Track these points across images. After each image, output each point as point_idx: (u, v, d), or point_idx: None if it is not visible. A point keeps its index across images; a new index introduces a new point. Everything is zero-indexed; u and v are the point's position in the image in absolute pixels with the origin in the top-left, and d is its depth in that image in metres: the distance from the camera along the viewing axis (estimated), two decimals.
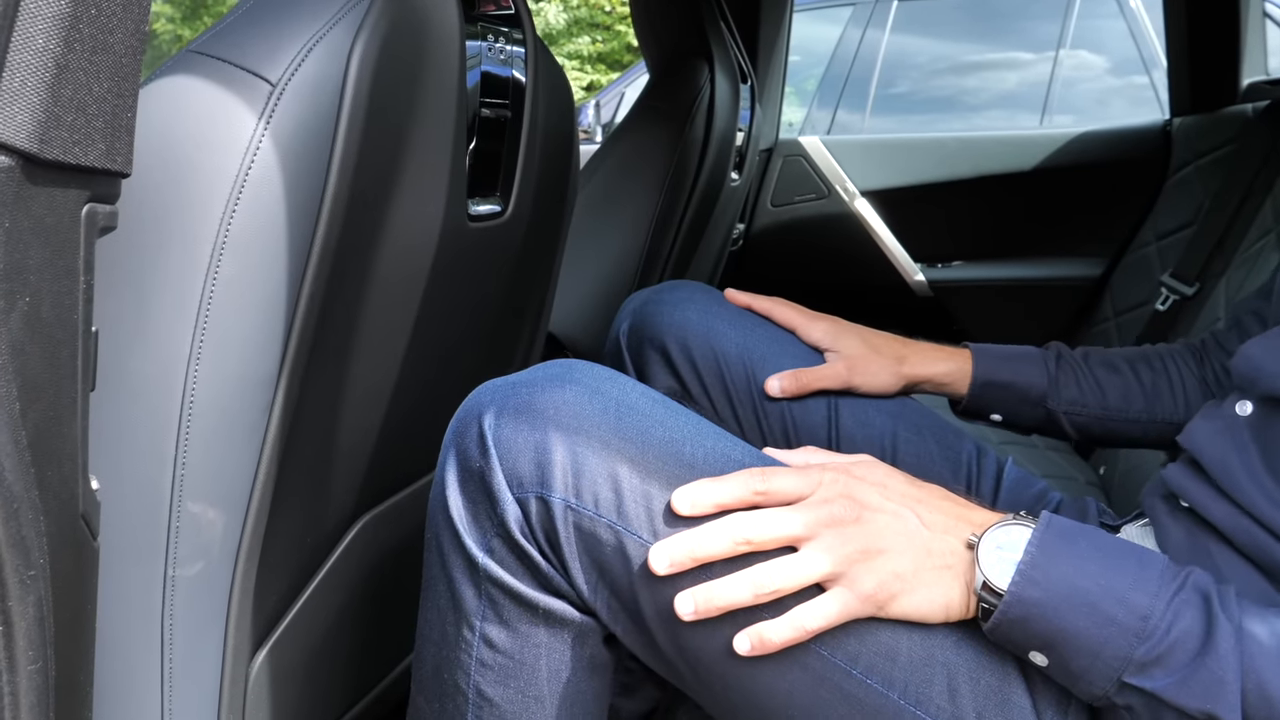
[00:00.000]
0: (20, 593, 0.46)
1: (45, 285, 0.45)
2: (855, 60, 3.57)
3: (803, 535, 0.56)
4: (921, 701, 0.57)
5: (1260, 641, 0.51)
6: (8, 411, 0.43)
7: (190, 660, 0.69)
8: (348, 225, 0.65)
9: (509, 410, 0.61)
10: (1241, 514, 0.63)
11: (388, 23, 0.66)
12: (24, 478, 0.45)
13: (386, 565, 0.88)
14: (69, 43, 0.43)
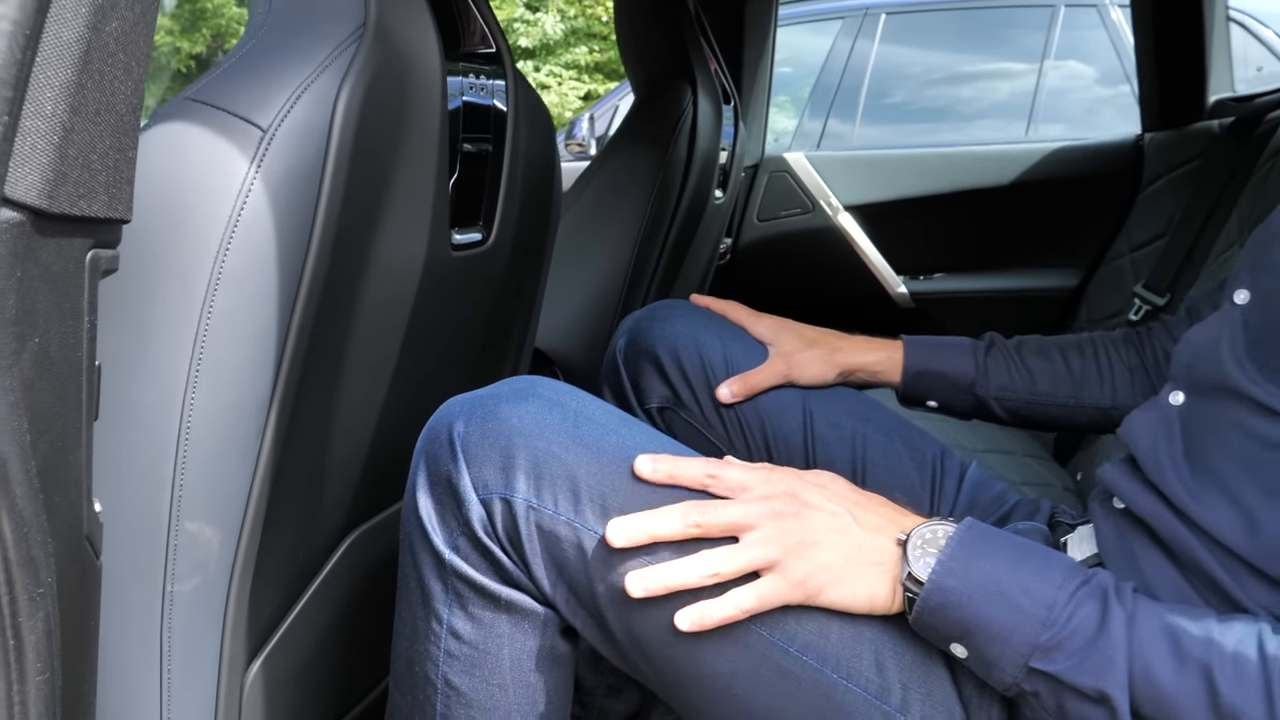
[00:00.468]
0: (30, 609, 0.50)
1: (53, 327, 0.50)
2: (845, 71, 3.61)
3: (745, 525, 0.62)
4: (852, 674, 0.62)
5: (1149, 628, 0.56)
6: (19, 443, 0.47)
7: (188, 671, 0.73)
8: (335, 260, 0.69)
9: (476, 419, 0.66)
10: (1164, 505, 0.68)
11: (372, 70, 0.70)
12: (34, 503, 0.49)
13: (376, 578, 0.92)
14: (75, 109, 0.47)
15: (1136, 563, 0.69)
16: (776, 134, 3.77)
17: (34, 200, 0.46)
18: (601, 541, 0.63)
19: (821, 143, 3.46)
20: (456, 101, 0.85)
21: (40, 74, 0.45)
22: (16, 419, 0.47)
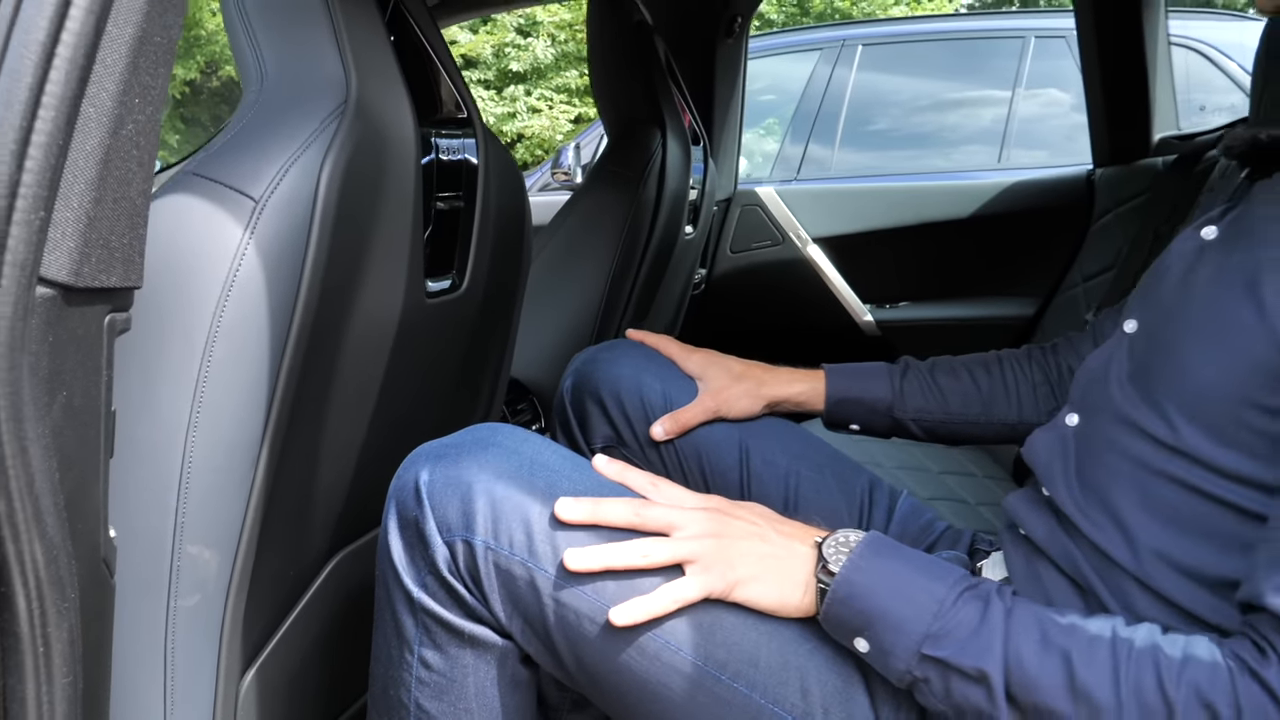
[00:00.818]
0: (57, 620, 0.59)
1: (77, 381, 0.59)
2: (824, 98, 3.72)
3: (678, 526, 0.71)
4: (779, 700, 0.70)
5: (1023, 621, 0.65)
6: (50, 481, 0.56)
7: (189, 680, 0.81)
8: (320, 313, 0.78)
9: (440, 468, 0.74)
10: (1058, 527, 0.76)
11: (353, 144, 0.79)
12: (61, 531, 0.58)
13: (358, 597, 1.01)
14: (97, 200, 0.56)
15: (1042, 584, 0.78)
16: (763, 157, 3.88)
17: (63, 278, 0.55)
18: (552, 578, 0.71)
19: (802, 167, 3.57)
20: (430, 157, 0.95)
21: (69, 175, 0.54)
22: (48, 460, 0.56)
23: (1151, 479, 0.70)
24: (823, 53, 3.79)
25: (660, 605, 0.69)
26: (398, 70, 0.90)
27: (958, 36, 3.65)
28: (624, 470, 0.78)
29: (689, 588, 0.70)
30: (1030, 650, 0.63)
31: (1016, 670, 0.63)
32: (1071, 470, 0.77)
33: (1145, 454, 0.70)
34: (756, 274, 2.31)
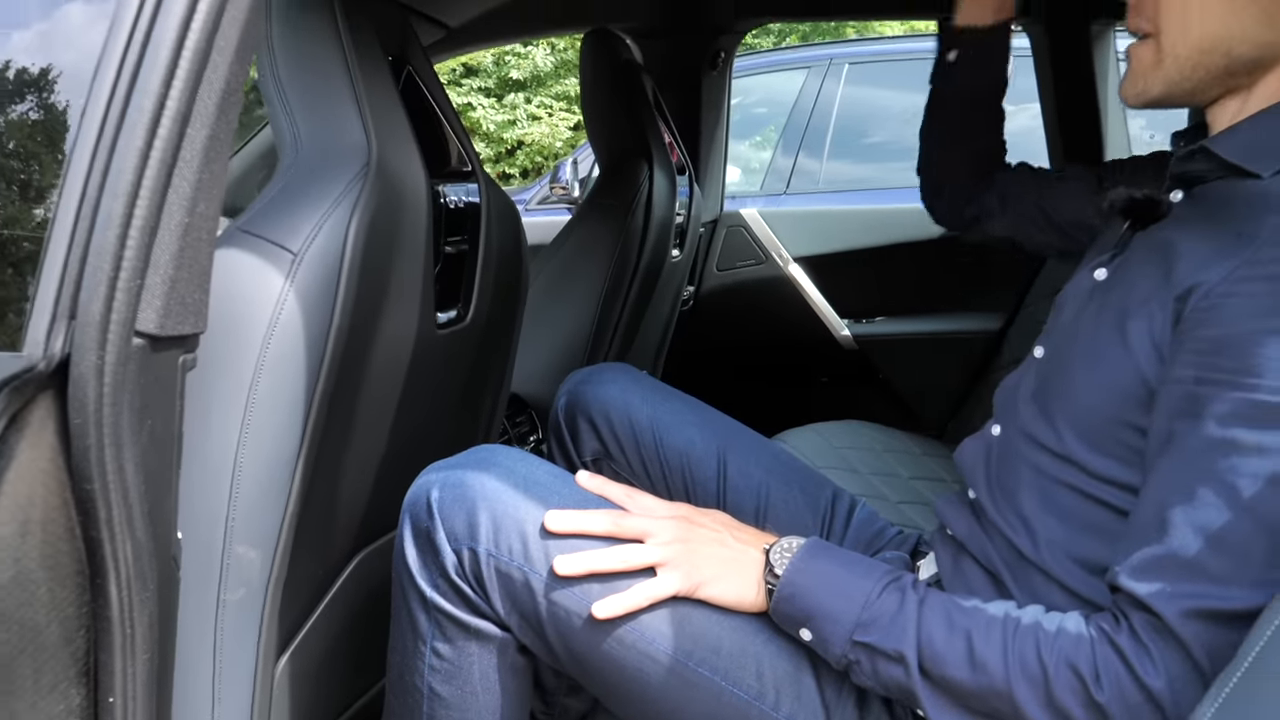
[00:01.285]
0: (140, 607, 0.73)
1: (160, 412, 0.72)
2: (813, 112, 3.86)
3: (650, 532, 0.85)
4: (738, 682, 0.83)
5: (933, 608, 0.78)
6: (139, 492, 0.70)
7: (234, 663, 0.95)
8: (347, 347, 0.92)
9: (448, 487, 0.88)
10: (976, 524, 0.90)
11: (375, 201, 0.93)
12: (146, 533, 0.71)
13: (377, 592, 1.14)
14: (178, 266, 0.69)
15: (965, 577, 0.91)
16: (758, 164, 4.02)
17: (152, 330, 0.68)
18: (544, 580, 0.84)
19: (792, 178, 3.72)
20: (440, 204, 1.08)
21: (158, 249, 0.68)
22: (138, 476, 0.69)
23: (1048, 483, 0.83)
24: (811, 70, 3.94)
25: (636, 601, 0.83)
26: (411, 132, 1.03)
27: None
28: (604, 484, 0.91)
29: (660, 586, 0.83)
30: (939, 632, 0.77)
31: (928, 649, 0.77)
32: (992, 474, 0.91)
33: (1042, 462, 0.84)
34: (741, 291, 2.44)
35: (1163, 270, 0.76)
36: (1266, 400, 0.66)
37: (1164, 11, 0.78)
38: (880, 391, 2.43)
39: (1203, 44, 0.77)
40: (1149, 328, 0.75)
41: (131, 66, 0.65)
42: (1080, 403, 0.81)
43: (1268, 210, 0.71)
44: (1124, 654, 0.69)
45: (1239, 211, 0.74)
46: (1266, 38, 0.75)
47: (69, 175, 0.65)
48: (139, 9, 0.66)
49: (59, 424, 0.67)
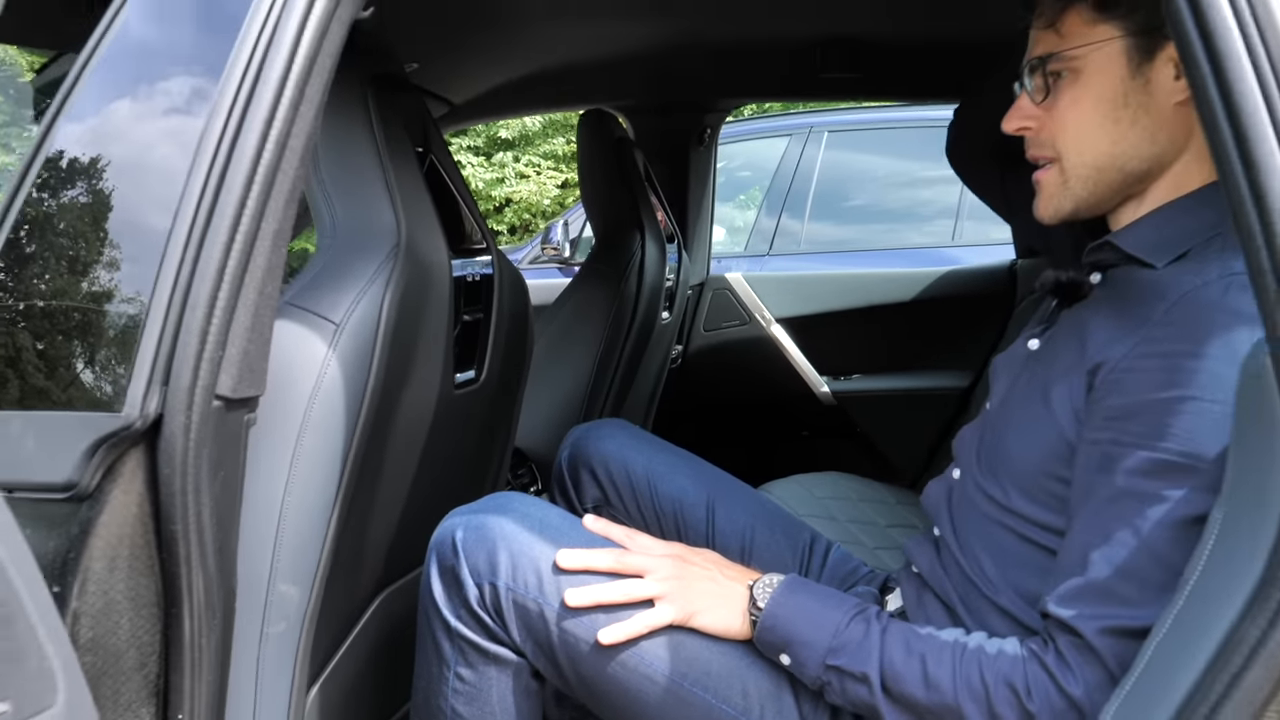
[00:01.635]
0: (207, 633, 0.84)
1: (229, 462, 0.84)
2: (795, 176, 4.05)
3: (649, 570, 0.96)
4: (727, 700, 0.95)
5: (894, 635, 0.89)
6: (211, 534, 0.81)
7: (272, 690, 1.05)
8: (380, 406, 1.04)
9: (471, 528, 0.99)
10: (936, 560, 1.02)
11: (405, 278, 1.06)
12: (216, 567, 0.83)
13: (398, 627, 1.25)
14: (249, 340, 0.82)
15: (925, 610, 1.03)
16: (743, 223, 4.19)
17: (227, 393, 0.80)
18: (556, 610, 0.95)
19: (775, 239, 3.88)
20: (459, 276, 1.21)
21: (235, 326, 0.80)
22: (211, 519, 0.81)
23: (993, 526, 0.96)
24: (793, 136, 4.13)
25: (637, 628, 0.94)
26: (435, 213, 1.16)
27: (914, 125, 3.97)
28: (607, 527, 1.03)
29: (658, 616, 0.95)
30: (898, 655, 0.89)
31: (889, 670, 0.88)
32: (954, 513, 1.03)
33: (988, 509, 0.96)
34: (726, 350, 2.58)
35: (1079, 345, 0.89)
36: (1165, 459, 0.79)
37: (1060, 140, 0.92)
38: (858, 445, 2.55)
39: (1099, 163, 0.91)
40: (1069, 395, 0.88)
41: (219, 172, 0.78)
42: (1015, 457, 0.94)
43: (1159, 297, 0.84)
44: (1050, 669, 0.81)
45: (1138, 296, 0.87)
46: (1151, 152, 0.90)
47: (165, 262, 0.78)
48: (225, 123, 0.79)
49: (148, 473, 0.79)
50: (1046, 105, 0.93)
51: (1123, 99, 0.90)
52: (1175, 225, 0.90)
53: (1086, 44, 0.90)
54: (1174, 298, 0.83)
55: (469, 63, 1.93)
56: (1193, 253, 0.87)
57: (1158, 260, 0.88)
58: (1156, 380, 0.80)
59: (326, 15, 0.83)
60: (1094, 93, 0.91)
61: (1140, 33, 0.88)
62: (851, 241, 4.04)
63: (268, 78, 0.80)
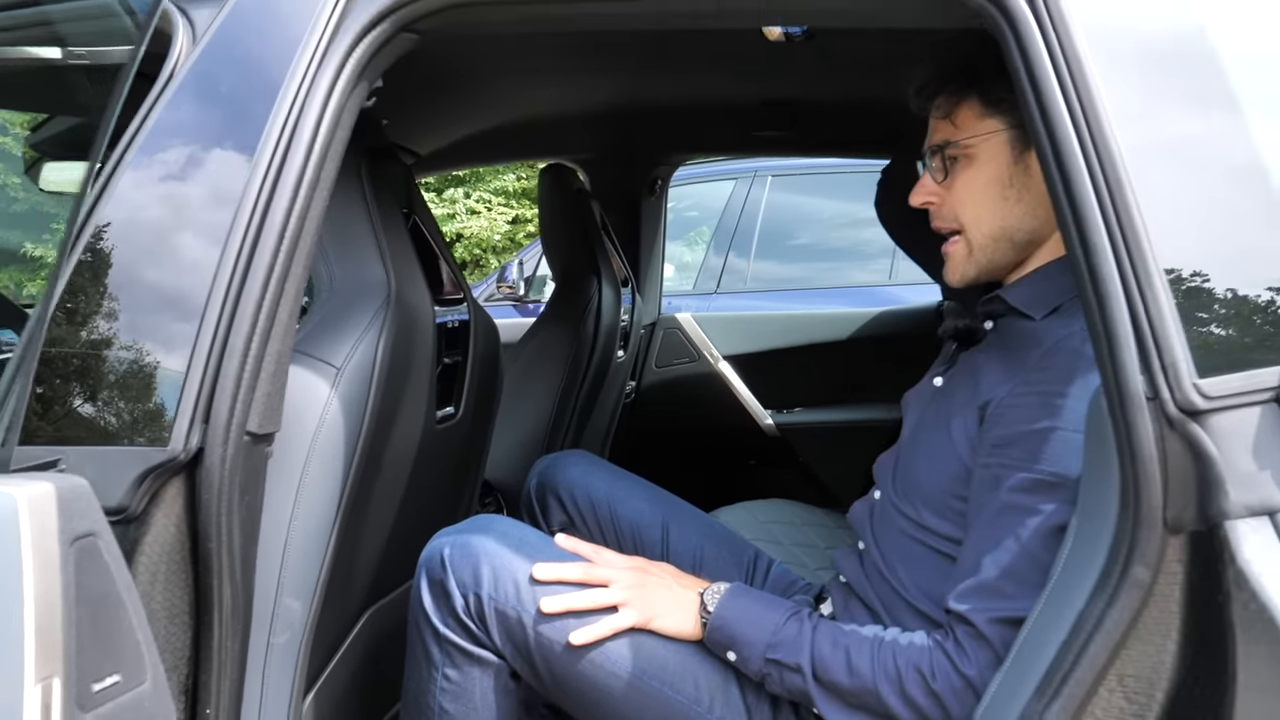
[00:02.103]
0: (233, 638, 0.96)
1: (252, 490, 0.97)
2: (741, 216, 4.26)
3: (613, 580, 1.11)
4: (681, 691, 1.09)
5: (823, 632, 1.05)
6: (240, 548, 0.94)
7: (275, 697, 1.16)
8: (374, 440, 1.18)
9: (457, 546, 1.13)
10: (860, 570, 1.18)
11: (395, 327, 1.20)
12: (242, 579, 0.96)
13: (383, 640, 1.38)
14: (272, 385, 0.95)
15: (851, 613, 1.19)
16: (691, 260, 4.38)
17: (254, 430, 0.94)
18: (533, 616, 1.09)
19: (723, 276, 4.08)
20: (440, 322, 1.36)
21: (263, 375, 0.94)
22: (239, 537, 0.94)
23: (906, 540, 1.12)
24: (739, 180, 4.34)
25: (603, 630, 1.09)
26: (419, 267, 1.31)
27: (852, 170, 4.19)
28: (576, 544, 1.18)
29: (621, 619, 1.10)
30: (826, 649, 1.04)
31: (818, 661, 1.04)
32: (876, 528, 1.19)
33: (903, 524, 1.13)
34: (677, 386, 2.74)
35: (973, 384, 1.07)
36: (1039, 478, 0.96)
37: (961, 214, 1.10)
38: (801, 473, 2.72)
39: (994, 234, 1.09)
40: (964, 426, 1.05)
41: (251, 242, 0.93)
42: (924, 480, 1.11)
43: (1036, 344, 1.02)
44: (949, 655, 0.98)
45: (1019, 343, 1.05)
46: (1033, 225, 1.08)
47: (205, 317, 0.91)
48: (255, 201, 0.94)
49: (186, 499, 0.92)
50: (946, 184, 1.11)
51: (1009, 180, 1.08)
52: (1050, 284, 1.08)
53: (977, 135, 1.08)
54: (1047, 345, 1.01)
55: (436, 119, 2.08)
56: (1064, 307, 1.05)
57: (1036, 313, 1.06)
58: (1032, 414, 0.98)
59: (339, 108, 0.98)
60: (985, 175, 1.09)
61: (1019, 127, 1.06)
62: (795, 280, 4.24)
63: (291, 162, 0.94)
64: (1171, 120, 0.85)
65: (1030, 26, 0.85)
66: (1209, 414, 0.75)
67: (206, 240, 0.93)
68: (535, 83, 1.95)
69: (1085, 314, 0.82)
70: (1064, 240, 0.84)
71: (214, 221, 0.94)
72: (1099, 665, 0.78)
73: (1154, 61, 0.86)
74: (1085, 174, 0.82)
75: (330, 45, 0.97)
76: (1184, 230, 0.81)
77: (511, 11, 1.01)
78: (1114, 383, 0.78)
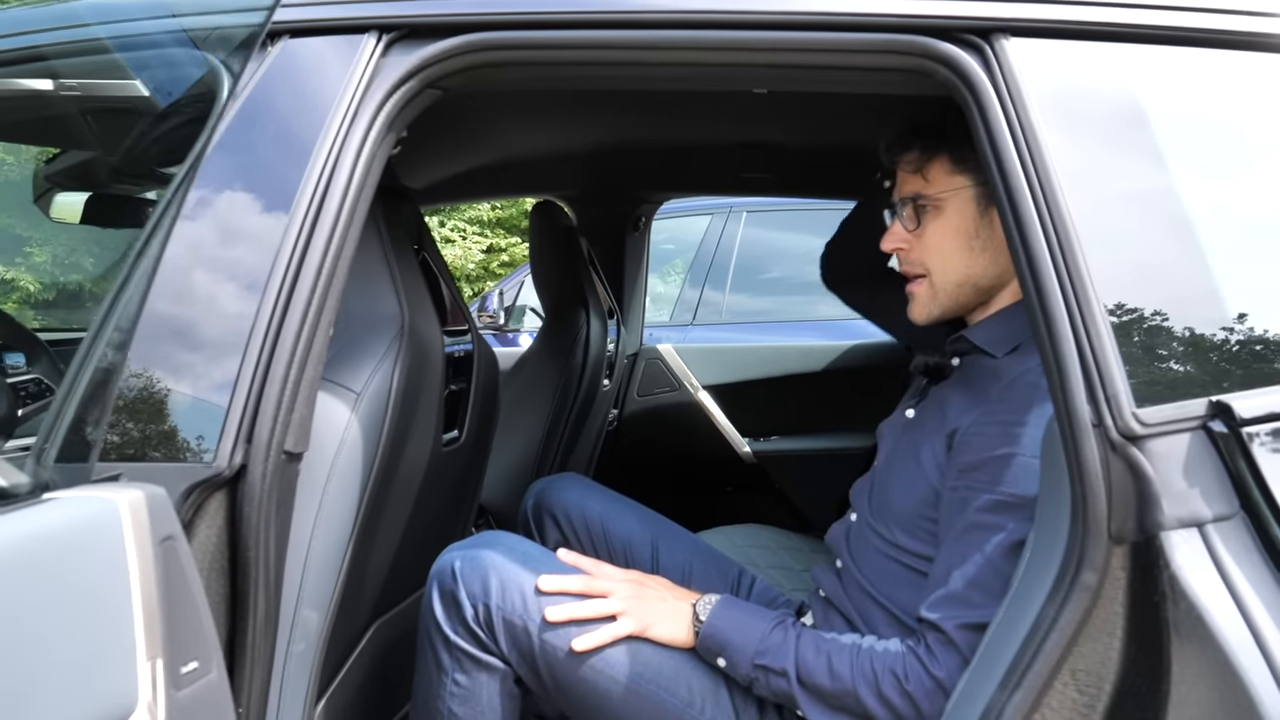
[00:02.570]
0: (265, 640, 1.04)
1: (285, 504, 1.06)
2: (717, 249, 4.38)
3: (612, 591, 1.19)
4: (674, 694, 1.18)
5: (806, 640, 1.14)
6: (276, 563, 1.03)
7: (290, 703, 1.24)
8: (388, 461, 1.26)
9: (466, 559, 1.22)
10: (839, 585, 1.28)
11: (409, 355, 1.29)
12: (274, 590, 1.04)
13: (389, 651, 1.46)
14: (305, 409, 1.04)
15: (830, 623, 1.29)
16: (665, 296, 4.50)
17: (290, 448, 1.03)
18: (537, 625, 1.18)
19: (699, 310, 4.19)
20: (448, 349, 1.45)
21: (299, 400, 1.03)
22: (275, 546, 1.03)
23: (882, 557, 1.22)
24: (714, 215, 4.48)
25: (603, 638, 1.18)
26: (430, 300, 1.41)
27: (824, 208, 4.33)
28: (576, 558, 1.27)
29: (620, 627, 1.19)
30: (809, 654, 1.14)
31: (802, 666, 1.14)
32: (852, 548, 1.30)
33: (879, 544, 1.23)
34: (658, 414, 2.84)
35: (941, 415, 1.18)
36: (1000, 499, 1.06)
37: (929, 260, 1.21)
38: (777, 499, 2.83)
39: (958, 279, 1.21)
40: (934, 454, 1.16)
41: (291, 278, 1.02)
42: (897, 503, 1.21)
43: (996, 379, 1.14)
44: (921, 659, 1.08)
45: (982, 378, 1.16)
46: (995, 272, 1.20)
47: (249, 345, 1.00)
48: (295, 241, 1.03)
49: (228, 511, 1.00)
50: (916, 233, 1.23)
51: (975, 232, 1.20)
52: (1009, 325, 1.19)
53: (947, 190, 1.20)
54: (1006, 380, 1.12)
55: (430, 157, 2.19)
56: (1022, 346, 1.17)
57: (998, 351, 1.18)
58: (994, 442, 1.08)
59: (370, 157, 1.08)
60: (953, 226, 1.20)
61: (985, 184, 1.18)
62: (770, 312, 4.36)
63: (328, 207, 1.04)
64: (1112, 178, 0.97)
65: (990, 98, 0.97)
66: (1146, 439, 0.86)
67: (250, 277, 1.02)
68: (525, 125, 2.06)
69: (1039, 351, 0.93)
70: (1020, 285, 0.95)
71: (257, 260, 1.03)
72: (1054, 660, 0.88)
73: (1096, 127, 0.98)
74: (1038, 227, 0.94)
75: (363, 100, 1.07)
76: (1124, 276, 0.93)
77: (531, 71, 1.12)
78: (1064, 411, 0.89)
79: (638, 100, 1.84)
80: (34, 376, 1.81)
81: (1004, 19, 1.00)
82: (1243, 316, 0.92)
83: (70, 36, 1.20)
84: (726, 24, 1.02)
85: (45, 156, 1.95)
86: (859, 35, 1.01)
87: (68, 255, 4.28)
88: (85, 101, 1.30)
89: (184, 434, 1.00)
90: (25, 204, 3.92)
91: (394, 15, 1.09)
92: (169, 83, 1.21)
